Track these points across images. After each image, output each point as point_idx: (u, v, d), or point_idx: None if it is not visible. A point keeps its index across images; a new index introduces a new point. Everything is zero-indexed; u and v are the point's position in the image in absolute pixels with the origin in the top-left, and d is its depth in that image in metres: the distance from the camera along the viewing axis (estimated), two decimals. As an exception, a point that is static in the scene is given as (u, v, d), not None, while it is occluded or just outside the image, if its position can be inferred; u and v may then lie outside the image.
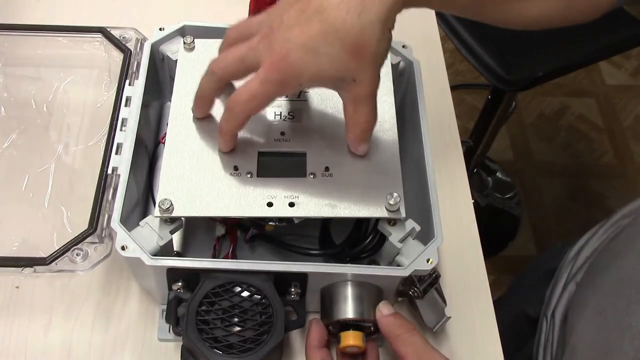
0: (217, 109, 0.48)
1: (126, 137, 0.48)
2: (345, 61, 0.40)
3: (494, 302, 0.54)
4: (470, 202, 0.60)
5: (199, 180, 0.45)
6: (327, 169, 0.46)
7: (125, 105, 0.51)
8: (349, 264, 0.47)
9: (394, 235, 0.45)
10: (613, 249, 0.54)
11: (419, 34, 0.70)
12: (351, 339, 0.46)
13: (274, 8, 0.43)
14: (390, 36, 0.42)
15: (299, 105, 0.50)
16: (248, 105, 0.42)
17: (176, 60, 0.52)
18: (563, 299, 0.57)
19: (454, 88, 0.68)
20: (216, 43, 0.52)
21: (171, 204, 0.43)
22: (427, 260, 0.44)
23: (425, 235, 0.46)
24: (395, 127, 0.49)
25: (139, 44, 0.55)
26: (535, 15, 0.47)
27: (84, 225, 0.46)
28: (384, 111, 0.50)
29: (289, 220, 0.47)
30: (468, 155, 1.31)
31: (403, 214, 0.44)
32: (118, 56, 0.55)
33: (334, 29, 0.39)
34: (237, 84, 0.44)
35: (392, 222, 0.45)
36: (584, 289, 0.54)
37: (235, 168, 0.46)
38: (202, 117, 0.48)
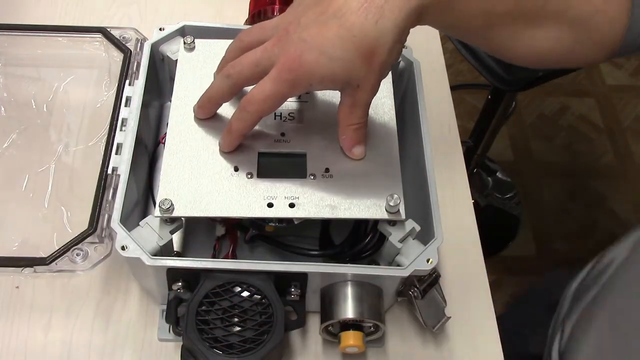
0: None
1: (126, 137, 0.48)
2: (357, 67, 0.40)
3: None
4: (470, 202, 0.60)
5: (199, 181, 0.45)
6: (327, 170, 0.46)
7: (125, 105, 0.51)
8: (349, 264, 0.47)
9: (394, 235, 0.45)
10: (608, 287, 0.55)
11: (419, 34, 0.70)
12: (351, 339, 0.46)
13: (289, 12, 0.44)
14: (401, 49, 0.42)
15: (299, 106, 0.50)
16: (262, 105, 0.42)
17: (176, 60, 0.52)
18: (564, 339, 0.57)
19: (454, 88, 0.68)
20: (216, 43, 0.52)
21: (171, 204, 0.43)
22: (427, 260, 0.44)
23: (425, 235, 0.46)
24: (395, 128, 0.49)
25: (139, 44, 0.55)
26: (543, 49, 0.46)
27: (84, 225, 0.46)
28: (384, 112, 0.50)
29: (289, 221, 0.47)
30: (468, 155, 1.31)
31: (403, 216, 0.44)
32: (118, 56, 0.55)
33: (351, 34, 0.39)
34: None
35: (392, 222, 0.45)
36: (582, 329, 0.55)
37: (236, 169, 0.46)
38: (204, 118, 0.48)
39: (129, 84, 0.52)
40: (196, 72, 0.50)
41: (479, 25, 0.44)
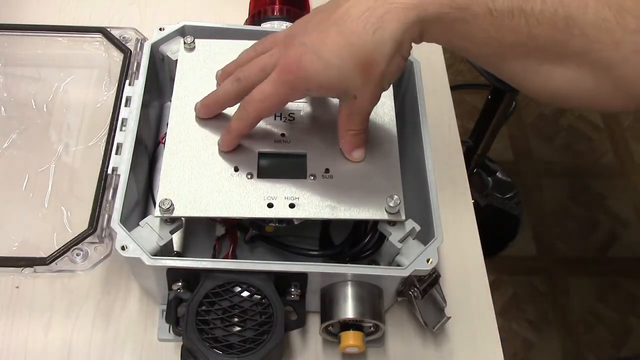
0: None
1: (126, 137, 0.48)
2: (353, 77, 0.40)
3: None
4: (470, 202, 0.60)
5: (200, 181, 0.45)
6: (327, 170, 0.46)
7: (125, 105, 0.51)
8: (349, 264, 0.47)
9: (394, 235, 0.45)
10: None
11: (419, 34, 0.70)
12: (351, 339, 0.46)
13: (300, 20, 0.44)
14: (402, 63, 0.42)
15: (299, 107, 0.50)
16: (260, 105, 0.43)
17: (176, 60, 0.52)
18: None
19: (454, 88, 0.68)
20: (216, 43, 0.52)
21: (172, 204, 0.43)
22: (427, 260, 0.44)
23: (425, 235, 0.46)
24: (395, 129, 0.49)
25: (139, 44, 0.55)
26: (559, 89, 0.43)
27: (84, 225, 0.46)
28: (384, 113, 0.50)
29: (289, 221, 0.47)
30: (468, 155, 1.31)
31: (403, 217, 0.45)
32: (118, 56, 0.55)
33: (348, 42, 0.39)
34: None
35: (392, 222, 0.45)
36: None
37: (236, 169, 0.46)
38: (206, 118, 0.48)
39: (129, 84, 0.52)
40: (196, 72, 0.50)
41: (488, 53, 0.42)
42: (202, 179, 0.45)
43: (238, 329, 0.42)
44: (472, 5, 0.39)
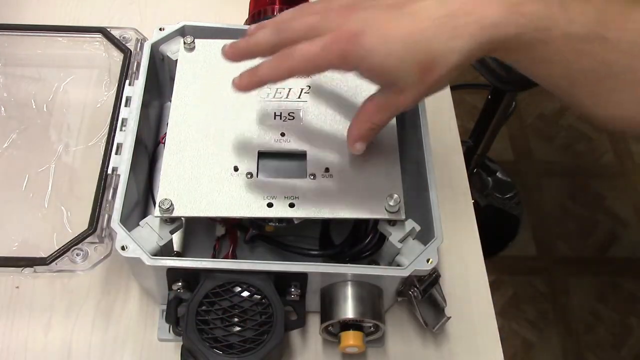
0: (218, 101, 0.48)
1: (126, 137, 0.48)
2: (410, 73, 0.38)
3: None
4: (470, 202, 0.60)
5: (199, 181, 0.45)
6: (327, 169, 0.46)
7: (125, 105, 0.51)
8: (349, 264, 0.47)
9: (394, 235, 0.45)
10: None
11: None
12: (351, 339, 0.46)
13: None
14: (457, 75, 0.40)
15: (299, 106, 0.50)
16: (300, 65, 0.40)
17: (176, 60, 0.52)
18: None
19: (454, 88, 0.68)
20: (216, 43, 0.52)
21: (171, 204, 0.43)
22: (427, 260, 0.44)
23: (425, 235, 0.46)
24: (395, 128, 0.49)
25: (139, 44, 0.55)
26: (632, 117, 0.41)
27: (84, 225, 0.46)
28: (384, 111, 0.50)
29: (289, 221, 0.47)
30: (468, 155, 1.31)
31: (403, 216, 0.45)
32: (118, 56, 0.55)
33: (417, 39, 0.38)
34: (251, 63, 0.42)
35: (392, 222, 0.45)
36: None
37: (236, 168, 0.46)
38: (232, 61, 0.43)
39: (129, 84, 0.52)
40: (196, 72, 0.50)
41: (559, 76, 0.41)
42: (202, 178, 0.45)
43: (238, 329, 0.42)
44: (550, 27, 0.38)
